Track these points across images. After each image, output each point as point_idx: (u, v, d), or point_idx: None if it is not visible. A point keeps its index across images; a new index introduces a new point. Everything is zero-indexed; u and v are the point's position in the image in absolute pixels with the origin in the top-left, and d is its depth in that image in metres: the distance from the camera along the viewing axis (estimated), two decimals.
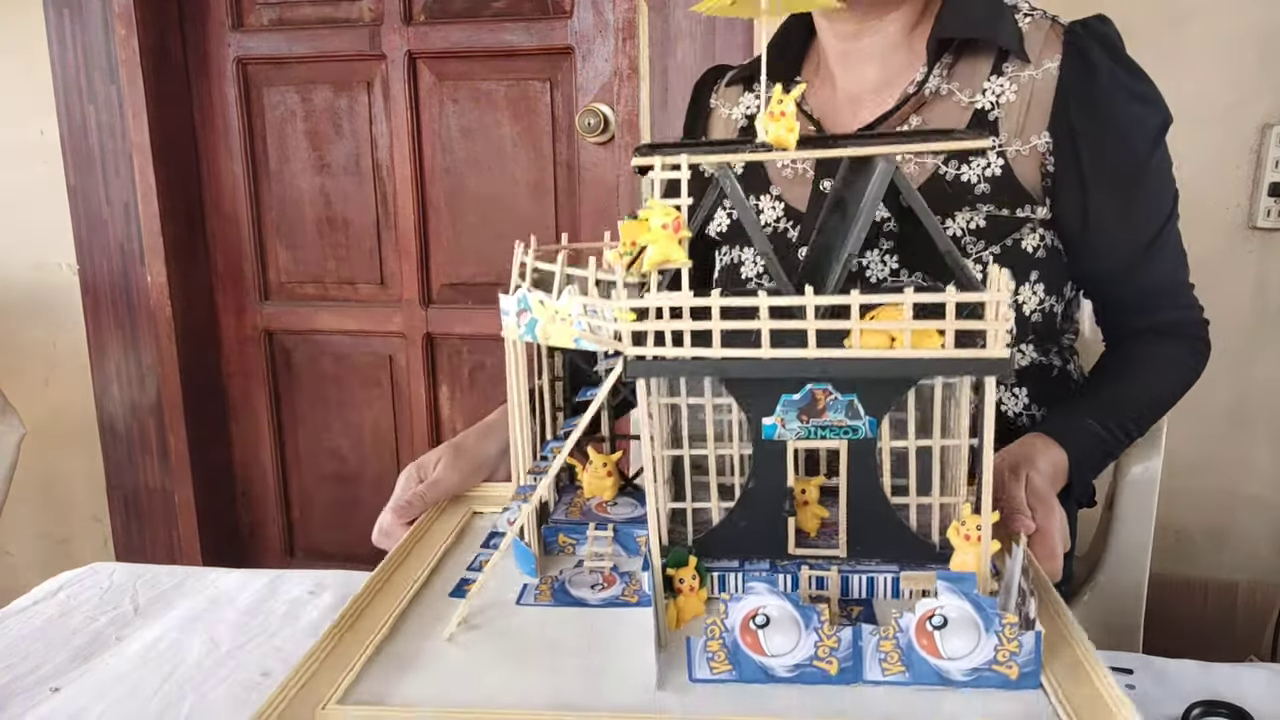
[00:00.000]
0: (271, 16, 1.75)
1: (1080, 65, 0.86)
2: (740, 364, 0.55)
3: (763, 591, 0.55)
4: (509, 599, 0.68)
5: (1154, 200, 0.90)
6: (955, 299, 0.52)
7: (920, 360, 0.53)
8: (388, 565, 0.71)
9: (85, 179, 1.77)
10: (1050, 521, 0.70)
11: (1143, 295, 0.93)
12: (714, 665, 0.56)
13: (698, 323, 0.55)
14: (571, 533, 0.74)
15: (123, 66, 1.70)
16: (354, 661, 0.59)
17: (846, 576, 0.64)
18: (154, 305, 1.79)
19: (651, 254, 0.56)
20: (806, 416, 0.62)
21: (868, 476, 0.63)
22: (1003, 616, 0.53)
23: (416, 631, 0.64)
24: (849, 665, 0.55)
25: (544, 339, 0.63)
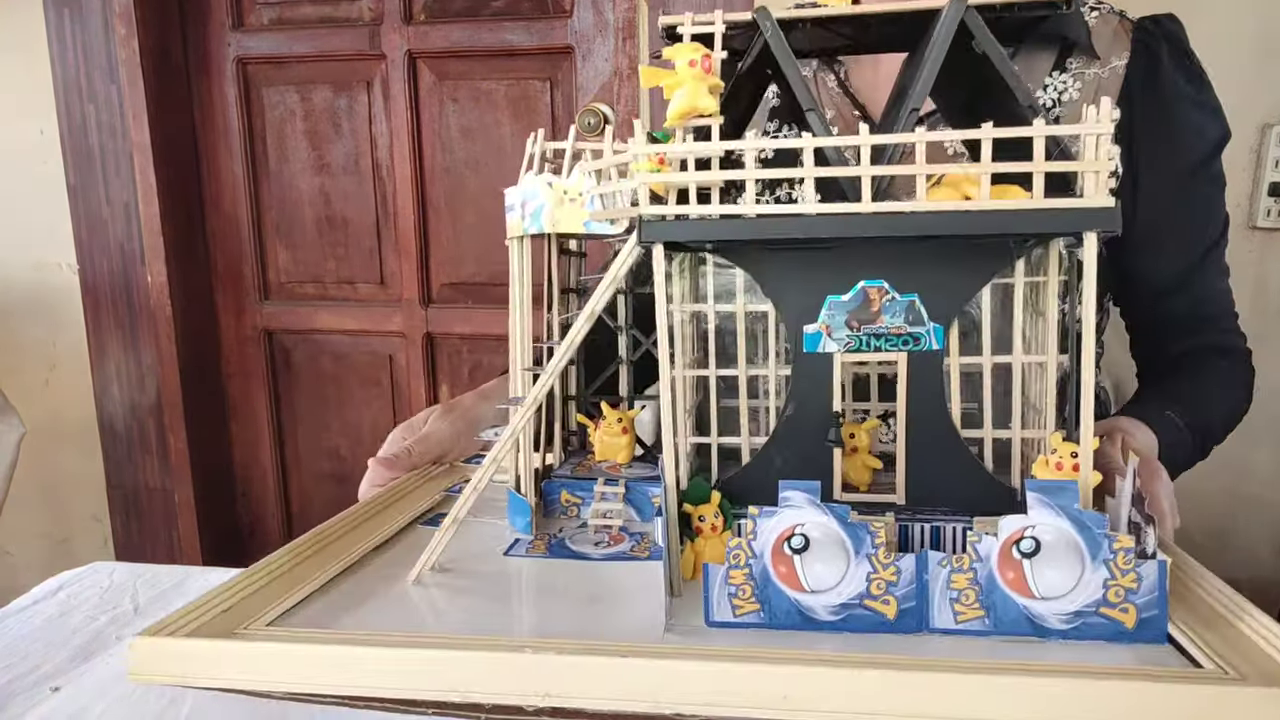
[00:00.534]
0: (271, 16, 1.75)
1: (1148, 64, 0.81)
2: (779, 223, 0.46)
3: (802, 504, 0.44)
4: (495, 550, 0.57)
5: (1206, 214, 0.85)
6: (1044, 132, 0.42)
7: (1005, 214, 0.43)
8: (361, 510, 0.60)
9: (85, 179, 1.76)
10: (1156, 485, 0.57)
11: (1191, 314, 0.86)
12: (738, 603, 0.44)
13: (727, 172, 0.46)
14: (577, 490, 0.63)
15: (123, 66, 1.69)
16: (291, 592, 0.48)
17: (905, 526, 0.52)
18: (154, 305, 1.77)
19: (676, 102, 0.47)
20: (858, 323, 0.51)
21: (932, 401, 0.51)
22: (1114, 539, 0.41)
23: (377, 573, 0.53)
24: (910, 607, 0.43)
25: (552, 226, 0.54)
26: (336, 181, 1.78)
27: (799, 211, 0.45)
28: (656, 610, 0.45)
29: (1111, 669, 0.37)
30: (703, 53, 0.47)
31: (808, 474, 0.53)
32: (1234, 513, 1.48)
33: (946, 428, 0.52)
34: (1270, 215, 1.39)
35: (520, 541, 0.58)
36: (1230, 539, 1.49)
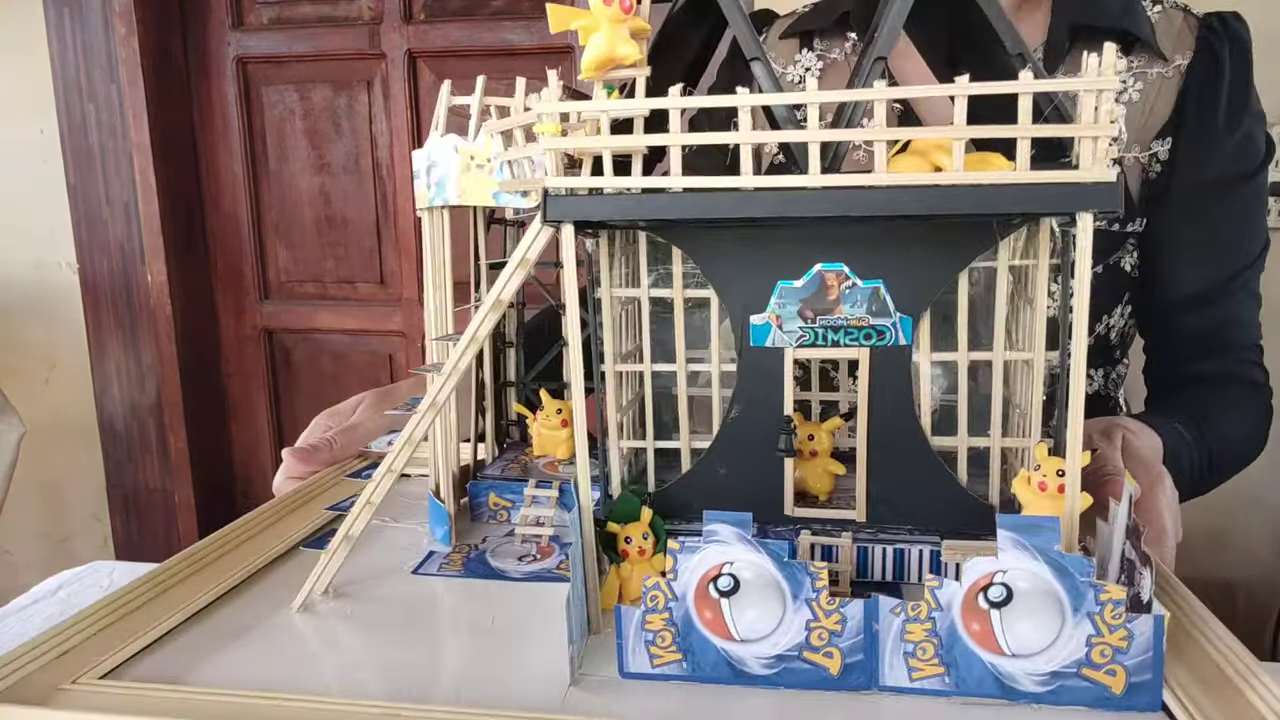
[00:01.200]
0: (271, 15, 1.74)
1: (1209, 66, 0.74)
2: (709, 200, 0.38)
3: (730, 540, 0.37)
4: (403, 567, 0.50)
5: (1244, 229, 0.78)
6: (1033, 88, 0.34)
7: (981, 189, 0.35)
8: (250, 521, 0.54)
9: (85, 178, 1.75)
10: (1157, 494, 0.50)
11: (1212, 334, 0.78)
12: (656, 652, 0.38)
13: (649, 136, 0.38)
14: (506, 492, 0.56)
15: (123, 65, 1.68)
16: (150, 629, 0.41)
17: (865, 548, 0.45)
18: (154, 304, 1.76)
19: (591, 51, 0.39)
20: (813, 312, 0.44)
21: (898, 404, 0.44)
22: (1101, 589, 0.34)
23: (264, 598, 0.46)
24: (858, 661, 0.36)
25: (460, 197, 0.46)
26: (336, 181, 1.77)
27: (735, 186, 0.38)
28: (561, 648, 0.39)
29: None
30: None
31: (756, 485, 0.47)
32: (1233, 513, 1.45)
33: (914, 435, 0.44)
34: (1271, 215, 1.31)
35: (434, 556, 0.51)
36: (1229, 539, 1.46)
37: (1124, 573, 0.37)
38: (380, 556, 0.51)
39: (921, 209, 0.36)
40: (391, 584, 0.48)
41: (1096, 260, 0.76)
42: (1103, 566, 0.40)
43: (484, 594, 0.47)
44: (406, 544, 0.53)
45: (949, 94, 0.35)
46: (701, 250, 0.44)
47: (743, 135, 0.37)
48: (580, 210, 0.39)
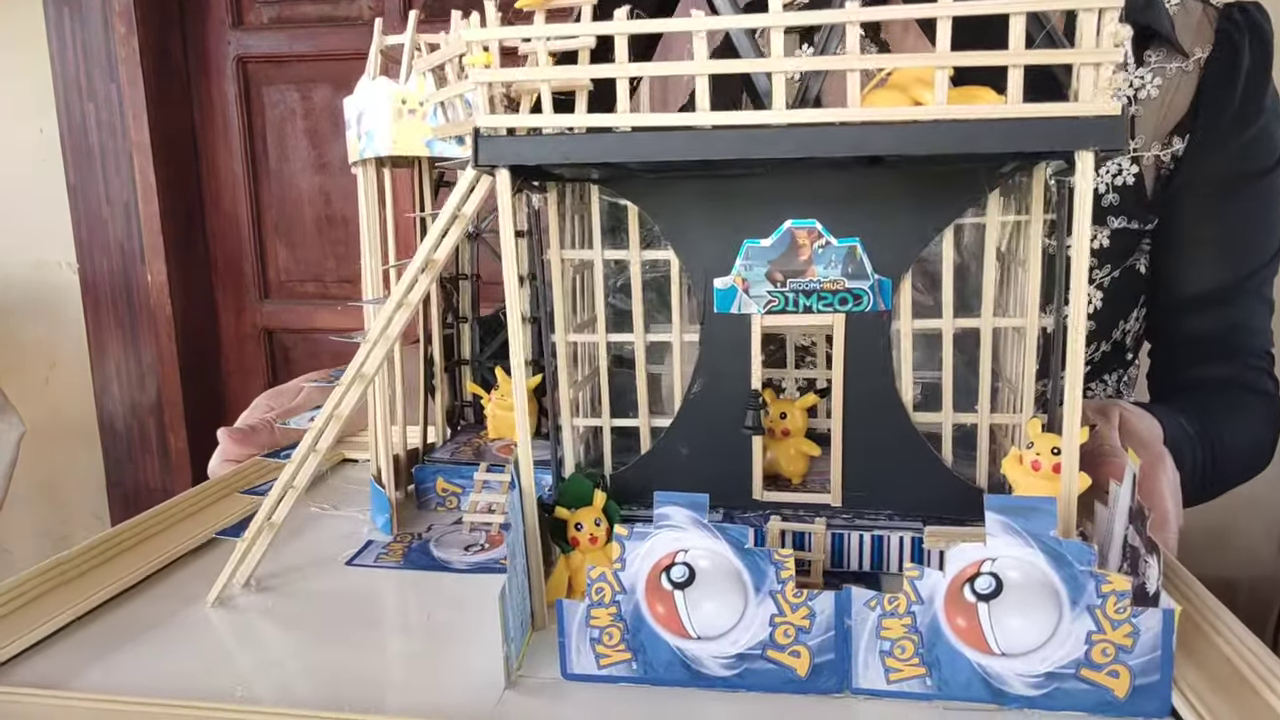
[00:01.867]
0: (271, 15, 1.72)
1: (1228, 58, 0.71)
2: (662, 142, 0.33)
3: (684, 525, 0.33)
4: (338, 558, 0.46)
5: (1261, 230, 0.74)
6: (1026, 7, 0.30)
7: (967, 125, 0.31)
8: (174, 506, 0.49)
9: (85, 177, 1.74)
10: (1158, 474, 0.46)
11: (1220, 338, 0.74)
12: (602, 652, 0.33)
13: (594, 68, 0.33)
14: (454, 477, 0.52)
15: (122, 65, 1.67)
16: (39, 625, 0.37)
17: (840, 535, 0.41)
18: (154, 304, 1.76)
19: None
20: (782, 275, 0.39)
21: (876, 377, 0.40)
22: (1103, 579, 0.30)
23: (178, 592, 0.42)
24: (828, 660, 0.32)
25: (390, 147, 0.42)
26: (336, 180, 1.75)
27: (689, 124, 0.33)
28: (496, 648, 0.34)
29: None
30: None
31: (721, 467, 0.42)
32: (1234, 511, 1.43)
33: (894, 411, 0.40)
34: None
35: (372, 546, 0.47)
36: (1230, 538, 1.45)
37: (1126, 561, 0.33)
38: (314, 546, 0.47)
39: (901, 148, 0.32)
40: (322, 576, 0.44)
41: (1114, 265, 0.73)
42: (1103, 554, 0.36)
43: (423, 587, 0.43)
44: (345, 533, 0.49)
45: (931, 15, 0.30)
46: (659, 206, 0.40)
47: (697, 65, 0.33)
48: (516, 153, 0.34)
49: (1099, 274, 0.74)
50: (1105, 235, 0.72)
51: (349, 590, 0.42)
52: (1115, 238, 0.71)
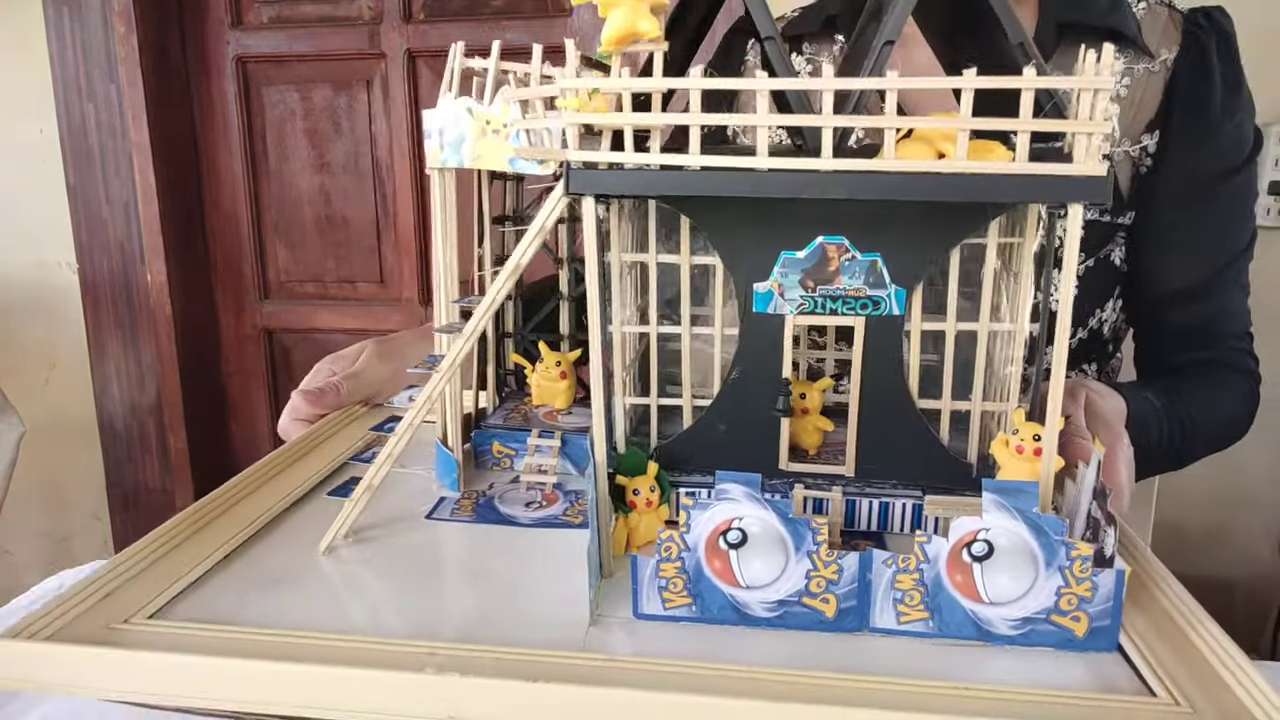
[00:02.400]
0: (271, 14, 1.72)
1: (1196, 60, 0.76)
2: (725, 179, 0.40)
3: (739, 498, 0.40)
4: (418, 512, 0.53)
5: (1234, 221, 0.80)
6: (1036, 84, 0.37)
7: (981, 178, 0.38)
8: (266, 466, 0.56)
9: (85, 178, 1.74)
10: (1116, 449, 0.55)
11: (1203, 326, 0.81)
12: (668, 596, 0.41)
13: (671, 115, 0.40)
14: (510, 440, 0.59)
15: (122, 65, 1.67)
16: (189, 571, 0.44)
17: (853, 501, 0.49)
18: (154, 304, 1.77)
19: (611, 25, 0.40)
20: (813, 282, 0.46)
21: (889, 369, 0.47)
22: (1072, 546, 0.38)
23: (289, 542, 0.49)
24: (851, 606, 0.40)
25: (473, 160, 0.48)
26: (336, 180, 1.77)
27: (750, 166, 0.40)
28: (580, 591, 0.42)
29: (1053, 695, 0.35)
30: None
31: (753, 442, 0.50)
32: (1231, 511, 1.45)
33: (902, 398, 0.48)
34: (1270, 214, 1.36)
35: (445, 501, 0.54)
36: (1227, 537, 1.47)
37: (1089, 530, 0.42)
38: (395, 502, 0.54)
39: (928, 195, 0.39)
40: (409, 530, 0.51)
41: (1088, 254, 0.78)
42: (1070, 522, 0.44)
43: (497, 539, 0.50)
44: (419, 489, 0.56)
45: (958, 86, 0.37)
46: (710, 220, 0.47)
47: (760, 118, 0.39)
48: (602, 184, 0.41)
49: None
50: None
51: (434, 541, 0.50)
52: (1089, 228, 0.77)
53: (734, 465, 0.50)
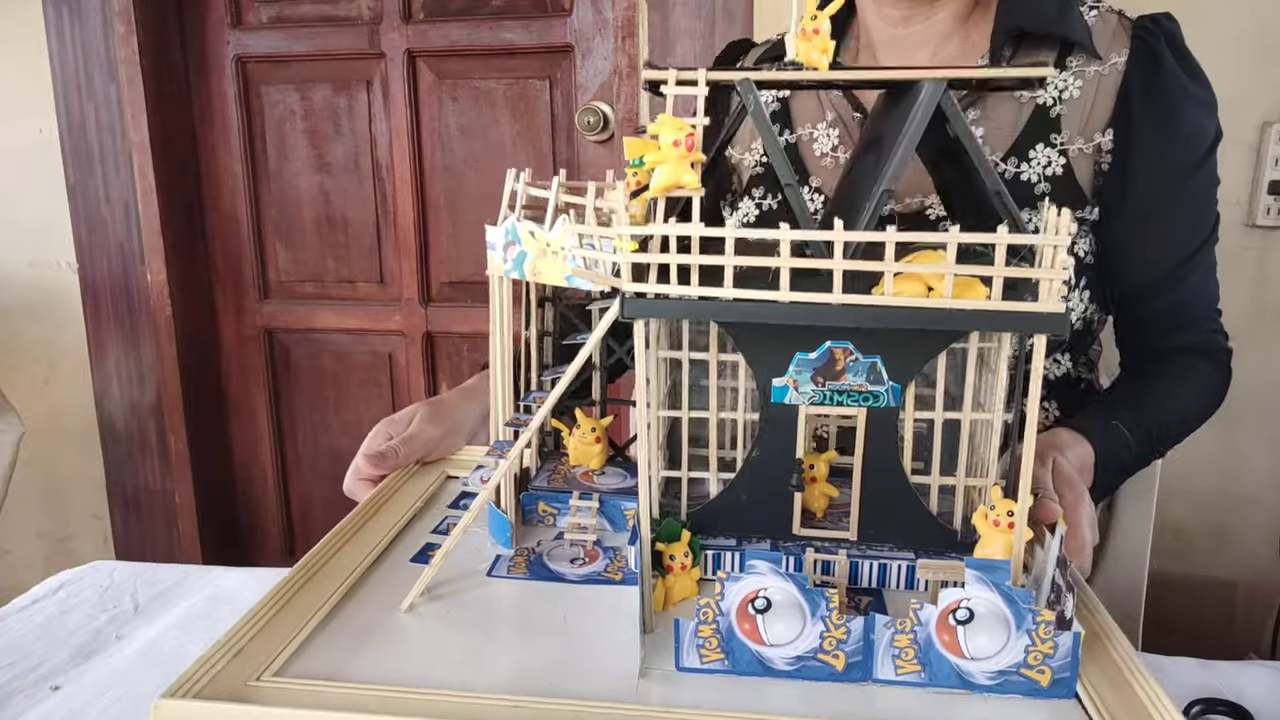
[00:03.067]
0: (271, 14, 1.72)
1: (1148, 62, 0.81)
2: (754, 308, 0.48)
3: (765, 571, 0.48)
4: (479, 569, 0.61)
5: (1198, 212, 0.85)
6: (1006, 240, 0.45)
7: (962, 313, 0.46)
8: (346, 527, 0.64)
9: (85, 177, 1.75)
10: (1080, 509, 0.63)
11: (1173, 312, 0.87)
12: (705, 653, 0.50)
13: (708, 257, 0.48)
14: (553, 501, 0.67)
15: (122, 65, 1.67)
16: (298, 630, 0.52)
17: (856, 562, 0.57)
18: (154, 304, 1.77)
19: (659, 177, 0.49)
20: (822, 379, 0.55)
21: (886, 450, 0.56)
22: (1037, 613, 0.46)
23: (374, 600, 0.57)
24: (857, 661, 0.49)
25: (533, 275, 0.56)
26: (336, 180, 1.78)
27: (774, 298, 0.48)
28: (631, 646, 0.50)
29: None
30: (685, 131, 0.48)
31: (770, 510, 0.58)
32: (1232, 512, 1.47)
33: (898, 475, 0.56)
34: (1270, 213, 1.38)
35: (501, 559, 0.62)
36: (1228, 539, 1.49)
37: (1053, 593, 0.50)
38: (455, 558, 0.61)
39: (919, 324, 0.47)
40: (473, 586, 0.59)
41: None
42: (1038, 584, 0.53)
43: (550, 595, 0.58)
44: (473, 547, 0.64)
45: (943, 241, 0.45)
46: (735, 327, 0.55)
47: (783, 261, 0.47)
48: (651, 310, 0.49)
49: None
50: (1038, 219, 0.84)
51: (497, 598, 0.58)
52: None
53: (754, 530, 0.59)
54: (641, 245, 0.49)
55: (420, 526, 0.67)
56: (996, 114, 0.83)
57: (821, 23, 0.51)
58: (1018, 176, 0.82)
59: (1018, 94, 0.83)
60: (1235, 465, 1.47)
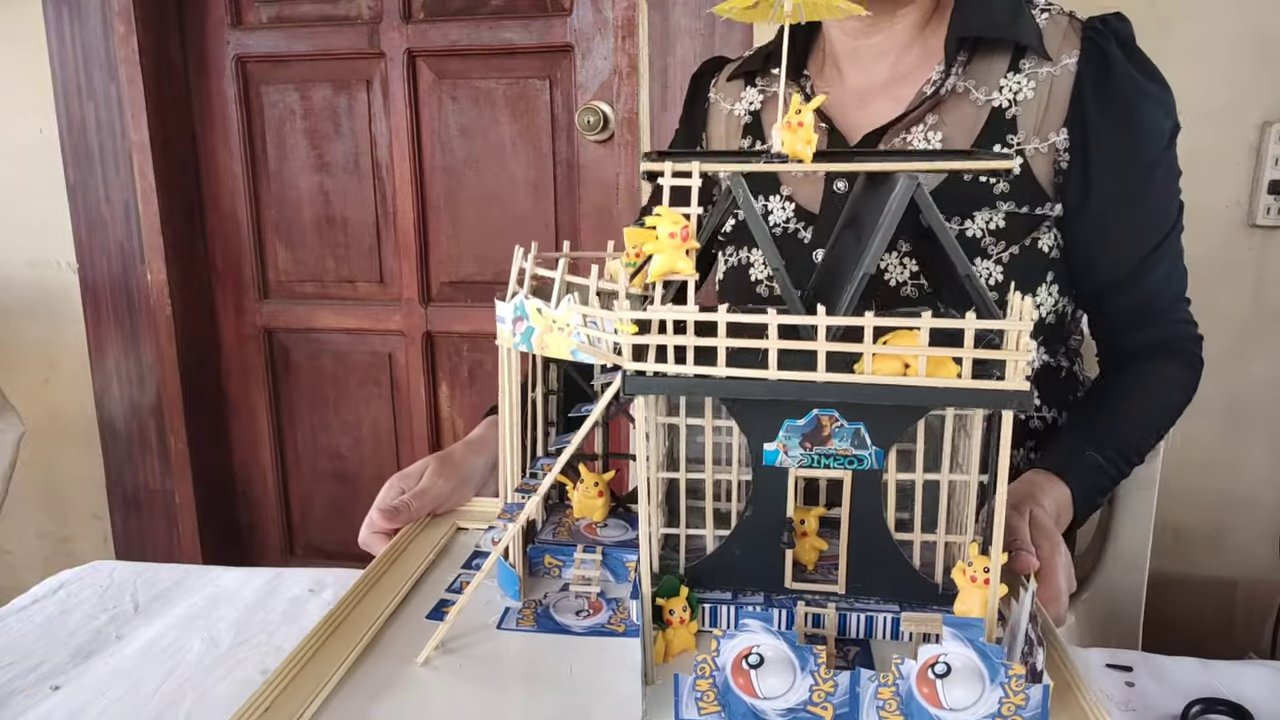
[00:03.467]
0: (270, 14, 1.74)
1: (1099, 62, 0.84)
2: (745, 385, 0.52)
3: (757, 630, 0.52)
4: (490, 623, 0.65)
5: (1160, 206, 0.88)
6: (974, 326, 0.49)
7: (935, 389, 0.50)
8: (363, 583, 0.68)
9: (85, 177, 1.76)
10: (1055, 560, 0.67)
11: (1140, 308, 0.90)
12: (703, 705, 0.53)
13: (702, 339, 0.52)
14: (558, 554, 0.71)
15: (122, 65, 1.69)
16: (321, 686, 0.55)
17: (844, 615, 0.61)
18: (153, 304, 1.79)
19: (657, 264, 0.53)
20: (810, 444, 0.59)
21: (871, 510, 0.60)
22: (1009, 667, 0.50)
23: (391, 654, 0.61)
24: (844, 712, 0.52)
25: (540, 349, 0.60)
26: (336, 180, 1.78)
27: (763, 377, 0.52)
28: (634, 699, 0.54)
29: None
30: (681, 225, 0.52)
31: (763, 565, 0.62)
32: (1230, 513, 1.48)
33: (882, 533, 0.60)
34: (1270, 213, 1.38)
35: (511, 612, 0.66)
36: (1226, 539, 1.50)
37: (1026, 645, 0.54)
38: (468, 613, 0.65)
39: (896, 400, 0.51)
40: (485, 639, 0.62)
41: (1010, 242, 0.85)
42: (1013, 635, 0.56)
43: (557, 648, 0.62)
44: (483, 600, 0.67)
45: (916, 325, 0.50)
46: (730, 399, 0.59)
47: (771, 343, 0.52)
48: (651, 387, 0.53)
49: (995, 250, 0.85)
50: (1000, 217, 0.84)
51: (506, 650, 0.61)
52: (1010, 220, 0.85)
53: (749, 583, 0.63)
54: (641, 328, 0.53)
55: (433, 579, 0.71)
56: (953, 118, 0.87)
57: (806, 116, 0.55)
58: (976, 178, 0.85)
59: (973, 98, 0.86)
60: (1235, 465, 1.48)
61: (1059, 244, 0.89)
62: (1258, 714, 0.61)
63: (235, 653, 0.70)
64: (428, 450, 1.86)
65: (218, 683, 0.66)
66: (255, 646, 0.71)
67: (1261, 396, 1.47)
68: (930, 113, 0.88)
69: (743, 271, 0.97)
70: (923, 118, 0.88)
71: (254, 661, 0.69)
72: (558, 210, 1.73)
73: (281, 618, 0.75)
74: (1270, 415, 1.48)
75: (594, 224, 1.70)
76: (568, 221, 1.73)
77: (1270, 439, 1.49)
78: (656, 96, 1.52)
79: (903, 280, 0.86)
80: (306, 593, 0.79)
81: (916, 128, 0.88)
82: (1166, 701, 0.64)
